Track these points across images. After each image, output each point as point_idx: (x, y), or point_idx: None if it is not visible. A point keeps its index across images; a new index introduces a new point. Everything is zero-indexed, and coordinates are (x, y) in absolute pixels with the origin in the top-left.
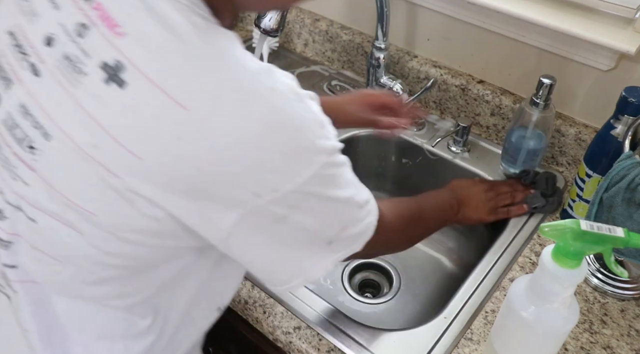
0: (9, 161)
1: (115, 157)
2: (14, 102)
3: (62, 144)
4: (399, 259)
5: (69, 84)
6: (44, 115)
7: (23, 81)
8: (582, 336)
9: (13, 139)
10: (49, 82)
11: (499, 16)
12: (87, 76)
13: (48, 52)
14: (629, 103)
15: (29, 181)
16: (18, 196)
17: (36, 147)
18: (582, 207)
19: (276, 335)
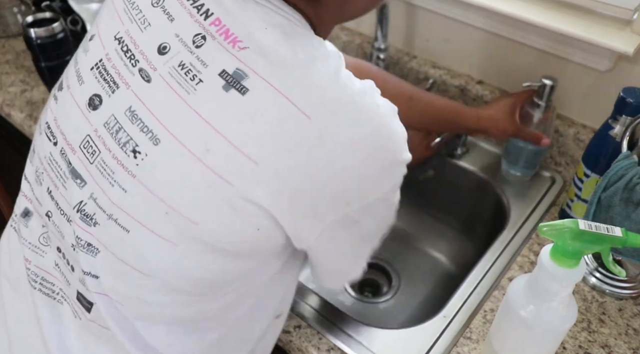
0: (107, 166)
1: (229, 162)
2: (121, 106)
3: (171, 149)
4: (399, 259)
5: (183, 91)
6: (154, 120)
7: (131, 86)
8: (580, 335)
9: (115, 143)
10: (160, 88)
11: (498, 17)
12: (203, 83)
13: (161, 60)
14: (626, 103)
15: (128, 188)
16: (113, 203)
17: (141, 152)
18: (581, 207)
19: None
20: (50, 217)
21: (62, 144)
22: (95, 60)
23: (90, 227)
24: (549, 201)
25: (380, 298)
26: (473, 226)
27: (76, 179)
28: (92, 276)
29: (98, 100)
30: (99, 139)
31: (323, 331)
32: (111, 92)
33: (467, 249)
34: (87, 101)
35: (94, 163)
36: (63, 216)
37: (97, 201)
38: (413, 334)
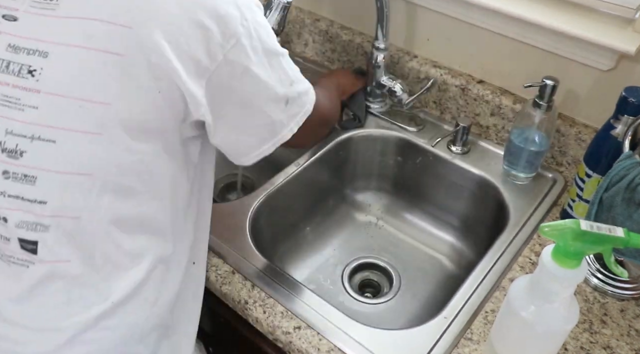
0: (10, 97)
1: (110, 37)
2: (1, 48)
3: (60, 53)
4: (399, 259)
5: (50, 10)
6: (35, 42)
7: (2, 31)
8: (582, 336)
9: (9, 75)
10: (29, 20)
11: (499, 16)
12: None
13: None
14: (628, 103)
15: (38, 104)
16: (30, 123)
17: (36, 69)
18: (582, 207)
19: (276, 335)
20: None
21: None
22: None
23: (18, 159)
24: (551, 201)
25: (380, 298)
26: (474, 226)
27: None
28: (39, 202)
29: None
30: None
31: (323, 331)
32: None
33: (468, 250)
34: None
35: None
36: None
37: (14, 131)
38: (414, 335)
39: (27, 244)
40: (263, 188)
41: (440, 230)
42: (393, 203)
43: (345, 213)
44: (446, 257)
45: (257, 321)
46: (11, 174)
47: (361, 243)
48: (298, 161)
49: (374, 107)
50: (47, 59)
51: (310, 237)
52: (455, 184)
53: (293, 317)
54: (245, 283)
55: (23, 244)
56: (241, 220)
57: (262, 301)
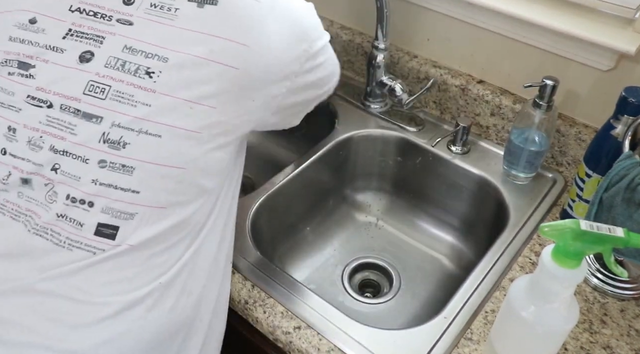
0: (123, 93)
1: (230, 52)
2: (116, 48)
3: (180, 60)
4: (399, 259)
5: (167, 20)
6: (154, 46)
7: (116, 33)
8: (581, 336)
9: (124, 73)
10: (145, 25)
11: (499, 16)
12: (180, 9)
13: (131, 9)
14: (628, 103)
15: (151, 102)
16: (140, 118)
17: (154, 71)
18: (582, 207)
19: (276, 335)
20: (58, 169)
21: (61, 101)
22: (63, 32)
23: (120, 150)
24: (550, 201)
25: (380, 298)
26: (474, 226)
27: (90, 120)
28: (132, 191)
29: (89, 54)
30: (105, 78)
31: (323, 331)
32: (99, 44)
33: (468, 250)
34: (77, 59)
35: (106, 98)
36: (76, 160)
37: (121, 124)
38: (414, 335)
39: (107, 229)
40: (263, 188)
41: (440, 230)
42: (393, 203)
43: (345, 213)
44: (446, 258)
45: (257, 321)
46: (108, 163)
47: (361, 243)
48: (298, 161)
49: (374, 107)
50: (167, 63)
51: (310, 237)
52: (455, 184)
53: (293, 317)
54: (245, 283)
55: (102, 229)
56: (241, 220)
57: (262, 301)
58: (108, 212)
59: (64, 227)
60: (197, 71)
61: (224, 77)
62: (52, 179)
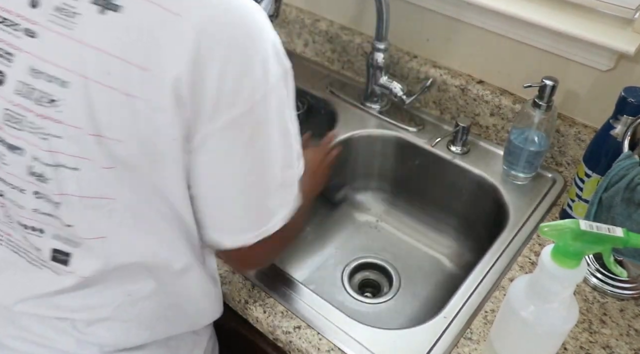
0: (35, 125)
1: (127, 77)
2: (22, 70)
3: (79, 85)
4: (399, 259)
5: (67, 29)
6: (54, 67)
7: (22, 48)
8: (581, 336)
9: (32, 102)
10: (47, 37)
11: (498, 17)
12: (82, 16)
13: (36, 12)
14: (628, 103)
15: (61, 134)
16: (54, 151)
17: (57, 99)
18: (582, 207)
19: (276, 335)
20: (4, 196)
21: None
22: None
23: (46, 184)
24: (550, 201)
25: (380, 298)
26: (474, 226)
27: (14, 151)
28: (66, 225)
29: (1, 75)
30: (18, 107)
31: (323, 331)
32: (9, 63)
33: (468, 250)
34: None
35: (23, 129)
36: (15, 189)
37: (40, 159)
38: (413, 335)
39: (60, 255)
40: None
41: (440, 230)
42: (393, 203)
43: (345, 213)
44: (446, 257)
45: (257, 321)
46: (42, 194)
47: (361, 243)
48: None
49: (374, 107)
50: (68, 89)
51: (310, 237)
52: (455, 184)
53: (293, 317)
54: (245, 282)
55: (56, 255)
56: None
57: (262, 300)
58: (58, 239)
59: (30, 249)
60: (97, 99)
61: (126, 108)
62: (4, 203)
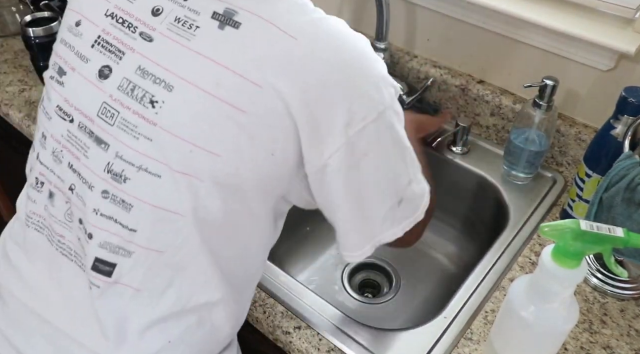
0: (129, 123)
1: (238, 91)
2: (130, 68)
3: (184, 91)
4: (399, 259)
5: (184, 39)
6: (163, 71)
7: (135, 49)
8: (581, 336)
9: (132, 100)
10: (163, 43)
11: (499, 16)
12: (200, 28)
13: (157, 20)
14: (628, 103)
15: (153, 137)
16: (141, 154)
17: (158, 101)
18: (582, 207)
19: (276, 335)
20: (74, 190)
21: (79, 118)
22: (93, 38)
23: (120, 184)
24: (550, 201)
25: (380, 298)
26: (474, 226)
27: (100, 145)
28: (129, 229)
29: (108, 70)
30: (116, 102)
31: (323, 331)
32: (118, 59)
33: (468, 250)
34: (96, 73)
35: (114, 125)
36: (85, 184)
37: (124, 157)
38: (414, 335)
39: (104, 266)
40: None
41: (440, 230)
42: None
43: None
44: (446, 257)
45: (257, 321)
46: (110, 195)
47: None
48: None
49: None
50: (171, 93)
51: (310, 237)
52: (455, 184)
53: (293, 317)
54: None
55: (98, 265)
56: None
57: (262, 301)
58: (105, 247)
59: (81, 252)
60: (200, 108)
61: (230, 121)
62: (70, 199)
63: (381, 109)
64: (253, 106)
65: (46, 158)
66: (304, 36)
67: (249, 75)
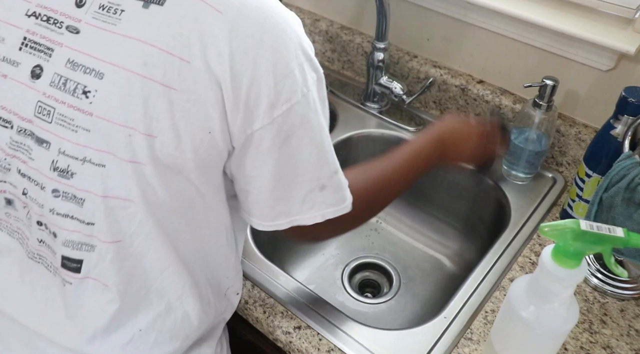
0: (65, 117)
1: (167, 68)
2: (60, 63)
3: (115, 76)
4: (399, 259)
5: (111, 25)
6: (93, 60)
7: (64, 43)
8: (581, 336)
9: (66, 93)
10: (90, 33)
11: (499, 16)
12: (125, 12)
13: (81, 11)
14: (628, 103)
15: (90, 127)
16: (82, 146)
17: (90, 90)
18: (582, 207)
19: (276, 335)
20: (27, 194)
21: (18, 122)
22: (19, 41)
23: (68, 180)
24: (550, 201)
25: (380, 298)
26: (474, 226)
27: (42, 144)
28: (87, 223)
29: (39, 69)
30: (50, 99)
31: (323, 331)
32: (48, 57)
33: (468, 250)
34: (29, 74)
35: (52, 122)
36: (37, 187)
37: (66, 152)
38: (414, 335)
39: (71, 263)
40: None
41: (440, 230)
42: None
43: None
44: (446, 257)
45: (257, 321)
46: (61, 193)
47: (361, 243)
48: None
49: (374, 107)
50: (102, 81)
51: None
52: (456, 184)
53: (293, 317)
54: (245, 282)
55: (66, 262)
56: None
57: (262, 301)
58: (68, 245)
59: (46, 253)
60: (131, 90)
61: (161, 99)
62: (26, 203)
63: (305, 92)
64: (183, 83)
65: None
66: (230, 10)
67: (176, 51)
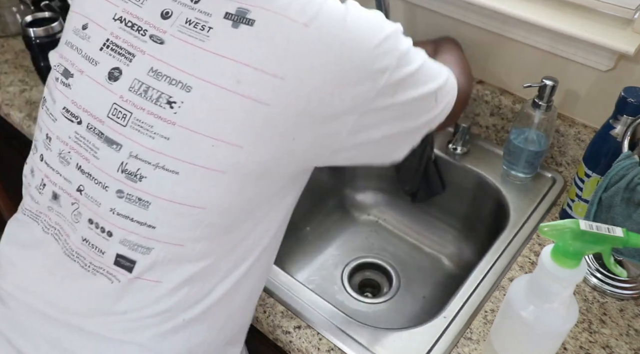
0: (143, 123)
1: (260, 85)
2: (142, 70)
3: (204, 91)
4: (399, 259)
5: (198, 41)
6: (178, 72)
7: (146, 51)
8: (581, 336)
9: (146, 101)
10: (175, 45)
11: (498, 17)
12: (214, 29)
13: (166, 23)
14: (627, 103)
15: (170, 135)
16: (158, 152)
17: (176, 101)
18: (581, 207)
19: (276, 335)
20: (83, 191)
21: (88, 120)
22: (102, 41)
23: (136, 183)
24: (550, 201)
25: (380, 298)
26: (474, 226)
27: (111, 145)
28: (147, 226)
29: (117, 72)
30: (127, 103)
31: (323, 331)
32: (128, 61)
33: (468, 250)
34: (106, 75)
35: (127, 125)
36: (97, 185)
37: (139, 155)
38: (413, 335)
39: (125, 262)
40: None
41: (440, 230)
42: (393, 203)
43: (345, 213)
44: (446, 257)
45: (257, 321)
46: (125, 194)
47: (361, 243)
48: None
49: None
50: (190, 93)
51: (310, 237)
52: (455, 184)
53: (293, 317)
54: None
55: (120, 260)
56: None
57: (262, 300)
58: (125, 244)
59: (88, 252)
60: (221, 104)
61: (252, 114)
62: (78, 200)
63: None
64: (277, 98)
65: (52, 160)
66: (313, 23)
67: (270, 68)
